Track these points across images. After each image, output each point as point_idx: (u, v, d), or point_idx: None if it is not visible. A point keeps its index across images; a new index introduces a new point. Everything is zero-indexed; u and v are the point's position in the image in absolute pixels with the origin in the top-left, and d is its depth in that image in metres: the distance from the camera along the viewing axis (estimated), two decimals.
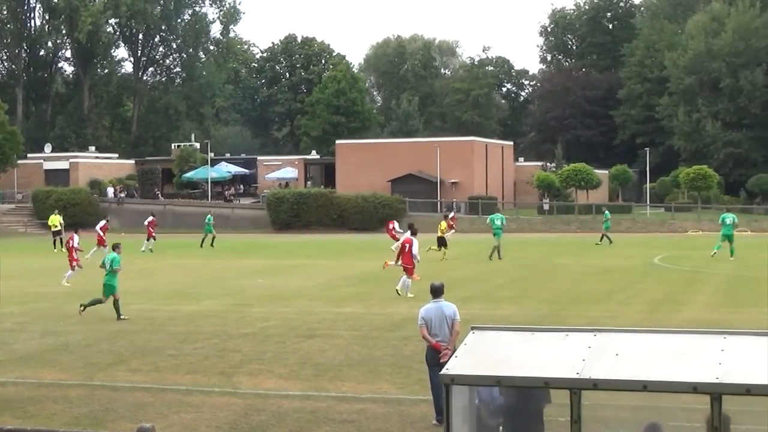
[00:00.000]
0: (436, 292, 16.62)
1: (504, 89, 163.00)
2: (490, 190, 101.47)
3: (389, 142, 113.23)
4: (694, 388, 8.34)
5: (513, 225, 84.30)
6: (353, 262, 49.09)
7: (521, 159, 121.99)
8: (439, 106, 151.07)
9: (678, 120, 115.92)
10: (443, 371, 9.11)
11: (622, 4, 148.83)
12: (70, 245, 42.08)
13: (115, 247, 29.94)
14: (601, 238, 61.22)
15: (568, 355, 8.95)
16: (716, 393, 8.23)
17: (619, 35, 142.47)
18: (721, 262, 46.19)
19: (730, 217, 49.09)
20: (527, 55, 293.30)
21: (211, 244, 61.05)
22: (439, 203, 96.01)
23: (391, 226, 55.25)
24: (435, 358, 15.72)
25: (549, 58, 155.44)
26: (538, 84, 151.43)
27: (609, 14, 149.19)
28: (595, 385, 8.58)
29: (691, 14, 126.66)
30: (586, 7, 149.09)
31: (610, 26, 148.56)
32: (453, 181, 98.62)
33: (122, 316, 28.35)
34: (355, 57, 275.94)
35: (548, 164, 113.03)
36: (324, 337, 24.63)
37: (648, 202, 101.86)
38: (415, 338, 23.98)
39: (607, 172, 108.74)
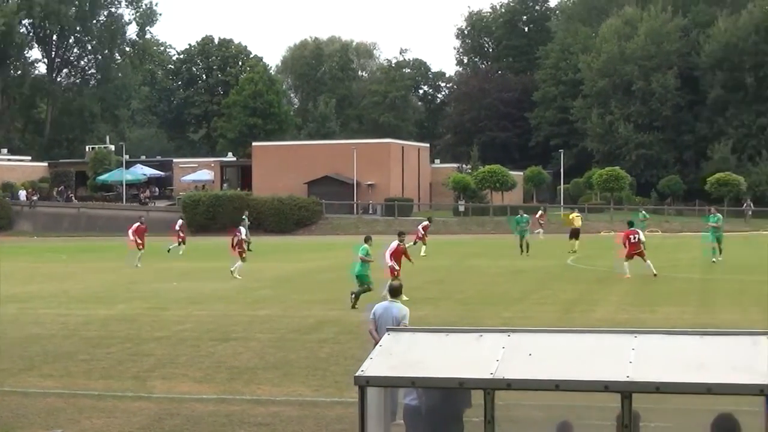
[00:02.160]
0: (393, 292, 16.93)
1: (421, 91, 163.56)
2: (406, 192, 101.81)
3: (306, 144, 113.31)
4: (606, 387, 8.41)
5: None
6: (269, 264, 48.93)
7: (437, 161, 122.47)
8: (356, 108, 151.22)
9: (591, 122, 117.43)
10: (358, 373, 9.09)
11: (537, 7, 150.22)
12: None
13: (367, 240, 31.49)
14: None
15: (482, 356, 8.98)
16: (627, 391, 8.31)
17: (535, 38, 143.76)
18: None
19: (715, 219, 47.57)
20: (444, 58, 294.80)
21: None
22: (355, 205, 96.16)
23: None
24: None
25: (465, 61, 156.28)
26: (455, 86, 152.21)
27: (525, 17, 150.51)
28: (509, 385, 8.62)
29: (604, 18, 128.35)
30: (503, 10, 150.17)
31: (526, 29, 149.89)
32: (369, 183, 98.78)
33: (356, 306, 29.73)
34: (272, 59, 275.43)
35: (464, 166, 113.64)
36: (239, 340, 24.49)
37: (562, 203, 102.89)
38: (330, 341, 24.04)
39: (522, 173, 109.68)
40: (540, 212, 73.17)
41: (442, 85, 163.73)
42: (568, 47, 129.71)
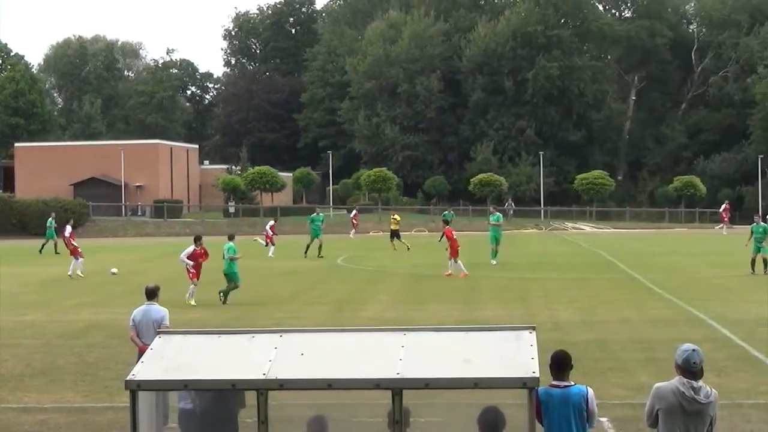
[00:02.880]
0: (149, 294, 16.89)
1: (188, 92, 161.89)
2: (175, 194, 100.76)
3: (71, 145, 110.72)
4: (377, 384, 8.61)
5: (199, 228, 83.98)
6: (35, 269, 47.52)
7: (206, 162, 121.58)
8: (122, 109, 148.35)
9: (359, 124, 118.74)
10: (128, 377, 9.01)
11: (304, 9, 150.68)
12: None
13: (231, 238, 32.79)
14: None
15: (255, 357, 9.05)
16: (397, 388, 8.53)
17: (302, 40, 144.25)
18: (398, 260, 47.68)
19: (495, 217, 46.13)
20: (212, 58, 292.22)
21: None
22: (123, 207, 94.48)
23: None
24: None
25: (233, 62, 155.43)
26: (223, 87, 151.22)
27: (291, 19, 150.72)
28: (282, 385, 8.71)
29: (370, 21, 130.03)
30: (269, 11, 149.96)
31: (293, 31, 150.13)
32: (138, 184, 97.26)
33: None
34: (34, 57, 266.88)
35: (233, 167, 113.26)
36: (3, 346, 23.73)
37: (331, 204, 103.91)
38: (99, 345, 23.61)
39: (291, 174, 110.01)
40: (354, 212, 74.25)
41: (210, 86, 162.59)
42: (335, 49, 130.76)
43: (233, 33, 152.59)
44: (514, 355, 8.83)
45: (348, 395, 9.19)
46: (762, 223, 40.05)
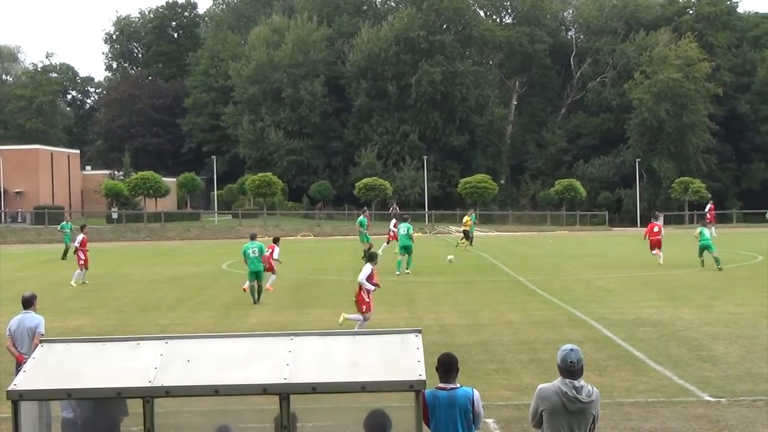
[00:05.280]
0: (25, 303, 16.79)
1: (69, 96, 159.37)
2: (57, 200, 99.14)
3: None
4: (264, 390, 8.60)
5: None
6: None
7: (89, 167, 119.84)
8: (1, 114, 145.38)
9: (243, 128, 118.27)
10: (10, 387, 8.85)
11: (186, 13, 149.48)
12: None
13: (255, 237, 33.67)
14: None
15: (140, 364, 8.96)
16: (284, 393, 8.54)
17: (185, 44, 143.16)
18: (287, 266, 47.59)
19: (404, 227, 44.02)
20: (93, 62, 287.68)
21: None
22: (3, 214, 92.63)
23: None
24: None
25: (115, 66, 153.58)
26: (104, 92, 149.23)
27: (174, 23, 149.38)
28: (168, 392, 8.64)
29: (253, 26, 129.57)
30: (151, 15, 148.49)
31: (176, 35, 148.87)
32: (18, 190, 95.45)
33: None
34: None
35: (116, 172, 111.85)
36: None
37: (216, 209, 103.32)
38: None
39: (175, 179, 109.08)
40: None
41: (92, 90, 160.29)
42: (218, 54, 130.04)
43: (114, 37, 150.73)
44: (401, 358, 8.89)
45: (235, 401, 9.16)
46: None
